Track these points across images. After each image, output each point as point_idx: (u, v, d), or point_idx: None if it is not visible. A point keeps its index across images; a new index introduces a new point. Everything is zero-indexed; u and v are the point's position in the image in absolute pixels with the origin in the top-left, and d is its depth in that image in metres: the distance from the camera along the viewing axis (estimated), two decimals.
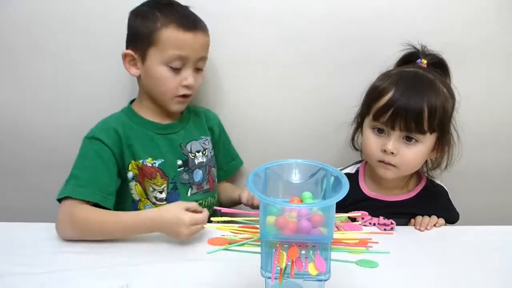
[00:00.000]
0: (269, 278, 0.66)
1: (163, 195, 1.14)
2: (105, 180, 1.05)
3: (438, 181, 1.15)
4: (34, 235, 0.99)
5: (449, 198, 1.14)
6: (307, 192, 0.71)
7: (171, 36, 1.05)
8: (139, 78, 1.12)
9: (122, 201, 1.12)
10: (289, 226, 0.66)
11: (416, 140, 1.01)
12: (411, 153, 1.01)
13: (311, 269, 0.62)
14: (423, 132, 0.99)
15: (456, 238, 1.03)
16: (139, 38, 1.08)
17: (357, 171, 1.17)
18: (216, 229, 0.72)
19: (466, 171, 1.31)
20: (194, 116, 1.25)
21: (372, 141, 1.04)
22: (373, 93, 1.04)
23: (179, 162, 1.16)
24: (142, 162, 1.11)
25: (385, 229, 1.03)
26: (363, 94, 1.08)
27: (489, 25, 1.21)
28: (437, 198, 1.13)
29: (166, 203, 1.13)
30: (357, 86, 1.09)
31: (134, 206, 1.14)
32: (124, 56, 1.10)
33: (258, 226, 0.69)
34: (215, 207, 1.13)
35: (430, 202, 1.10)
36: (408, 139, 1.00)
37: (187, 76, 1.09)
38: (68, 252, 0.93)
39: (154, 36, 1.06)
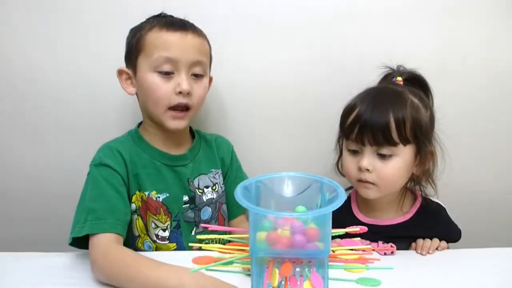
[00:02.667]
0: None
1: (166, 234, 1.00)
2: (122, 208, 0.91)
3: (434, 199, 1.03)
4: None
5: (448, 216, 1.02)
6: (301, 207, 0.60)
7: (156, 37, 0.93)
8: (138, 98, 1.01)
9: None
10: (282, 241, 0.56)
11: (390, 155, 0.92)
12: (387, 168, 0.92)
13: (307, 287, 0.53)
14: (393, 144, 0.90)
15: (458, 260, 0.92)
16: (130, 51, 0.97)
17: (348, 197, 1.06)
18: (203, 249, 0.64)
19: (461, 191, 1.21)
20: (204, 146, 1.08)
21: (349, 161, 0.96)
22: (344, 113, 0.98)
23: (185, 198, 1.02)
24: (148, 194, 0.98)
25: (385, 253, 0.94)
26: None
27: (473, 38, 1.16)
28: (436, 217, 1.01)
29: (168, 242, 1.00)
30: None
31: (133, 241, 0.99)
32: (119, 74, 0.99)
33: (247, 243, 0.61)
34: (202, 225, 1.01)
35: (428, 222, 0.99)
36: (382, 155, 0.92)
37: (180, 81, 0.93)
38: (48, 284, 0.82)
39: (141, 43, 0.94)
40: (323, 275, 0.55)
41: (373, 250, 0.93)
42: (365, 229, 0.63)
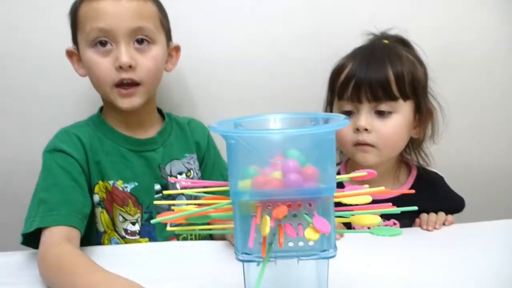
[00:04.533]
0: (248, 261, 0.40)
1: (136, 228, 0.85)
2: (79, 198, 0.76)
3: (430, 168, 0.92)
4: None
5: (447, 184, 0.91)
6: (293, 150, 0.45)
7: (86, 8, 0.79)
8: None
9: (86, 231, 0.80)
10: (273, 183, 0.42)
11: (390, 112, 0.82)
12: (387, 127, 0.81)
13: (309, 233, 0.37)
14: (394, 98, 0.81)
15: (466, 235, 0.80)
16: (72, 28, 0.84)
17: (338, 173, 0.93)
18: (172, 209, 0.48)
19: (453, 166, 1.06)
20: (176, 128, 0.93)
21: None
22: (333, 74, 0.88)
23: (157, 187, 0.87)
24: (113, 184, 0.83)
25: None
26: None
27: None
28: (434, 187, 0.89)
29: (139, 237, 0.84)
30: None
31: (97, 238, 0.84)
32: (69, 55, 0.86)
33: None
34: (170, 179, 0.87)
35: (427, 193, 0.86)
36: (380, 113, 0.82)
37: (118, 53, 0.78)
38: None
39: (75, 17, 0.82)
40: (328, 220, 0.40)
41: None
42: (374, 173, 0.49)
